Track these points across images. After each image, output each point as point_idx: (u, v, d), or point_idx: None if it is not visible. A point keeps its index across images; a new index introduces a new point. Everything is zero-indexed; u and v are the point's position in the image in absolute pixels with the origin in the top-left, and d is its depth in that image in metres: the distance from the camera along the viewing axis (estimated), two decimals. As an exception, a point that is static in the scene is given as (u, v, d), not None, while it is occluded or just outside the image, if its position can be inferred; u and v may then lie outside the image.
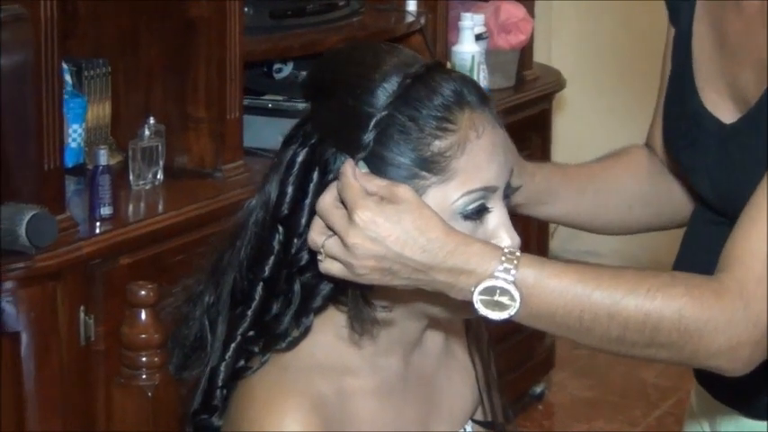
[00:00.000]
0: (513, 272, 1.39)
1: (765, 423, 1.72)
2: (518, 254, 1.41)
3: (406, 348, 1.54)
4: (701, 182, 1.73)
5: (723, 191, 1.67)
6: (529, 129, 3.96)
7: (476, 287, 1.39)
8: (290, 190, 1.46)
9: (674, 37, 1.78)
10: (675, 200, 1.87)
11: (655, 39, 1.84)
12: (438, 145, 1.43)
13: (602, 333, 1.42)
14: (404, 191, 1.40)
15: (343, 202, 1.42)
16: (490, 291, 1.39)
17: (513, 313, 1.40)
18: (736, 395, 1.73)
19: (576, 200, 1.84)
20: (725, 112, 1.67)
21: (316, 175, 1.45)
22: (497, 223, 1.46)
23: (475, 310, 1.40)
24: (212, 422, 1.50)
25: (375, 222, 1.39)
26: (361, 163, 1.43)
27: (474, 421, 1.65)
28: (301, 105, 1.53)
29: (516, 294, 1.39)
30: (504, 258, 1.40)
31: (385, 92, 1.44)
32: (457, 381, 1.63)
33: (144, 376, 2.55)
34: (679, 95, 1.74)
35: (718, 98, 1.69)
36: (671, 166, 1.84)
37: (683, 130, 1.74)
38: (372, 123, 1.42)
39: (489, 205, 1.46)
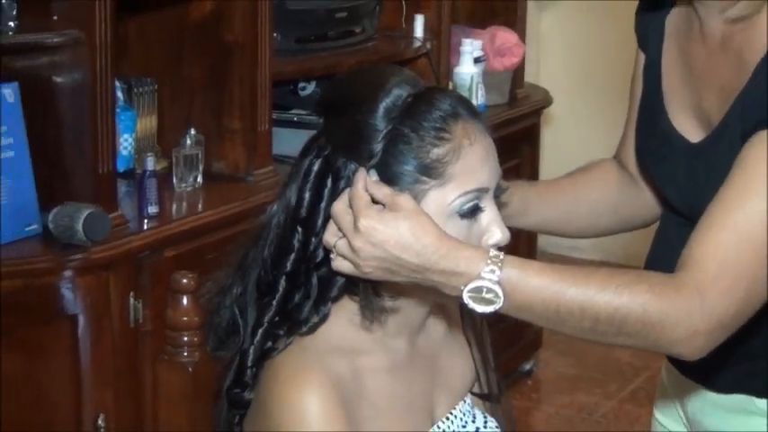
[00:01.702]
0: (497, 272, 1.39)
1: (726, 396, 1.72)
2: (502, 256, 1.40)
3: (411, 332, 1.54)
4: (670, 192, 1.73)
5: (690, 201, 1.66)
6: (520, 140, 3.96)
7: (465, 286, 1.40)
8: (307, 195, 1.46)
9: (645, 64, 1.77)
10: (641, 207, 1.86)
11: (630, 62, 1.83)
12: (436, 152, 1.43)
13: (576, 324, 1.43)
14: (404, 200, 1.40)
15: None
16: (477, 290, 1.39)
17: (498, 308, 1.41)
18: (701, 371, 1.72)
19: (548, 212, 1.83)
20: (691, 131, 1.67)
21: (329, 182, 1.45)
22: (489, 220, 1.46)
23: (465, 305, 1.41)
24: (244, 396, 1.49)
25: (375, 229, 1.39)
26: (373, 171, 1.43)
27: (473, 394, 1.65)
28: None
29: (500, 292, 1.39)
30: (489, 261, 1.39)
31: (389, 108, 1.43)
32: (457, 360, 1.63)
33: (185, 354, 2.55)
34: (650, 116, 1.74)
35: (685, 119, 1.68)
36: (643, 176, 1.84)
37: (653, 148, 1.74)
38: (381, 136, 1.42)
39: (482, 204, 1.46)
